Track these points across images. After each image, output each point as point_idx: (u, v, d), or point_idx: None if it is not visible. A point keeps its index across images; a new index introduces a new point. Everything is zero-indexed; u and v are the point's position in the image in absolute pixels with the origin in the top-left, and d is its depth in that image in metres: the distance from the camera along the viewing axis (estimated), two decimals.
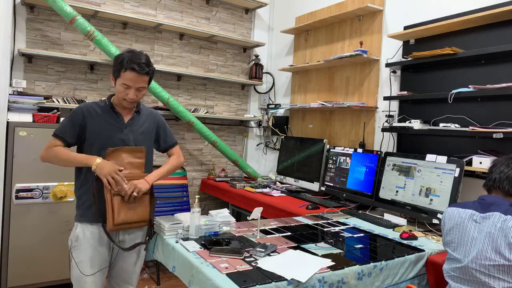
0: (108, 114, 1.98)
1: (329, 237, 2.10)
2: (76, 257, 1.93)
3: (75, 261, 1.93)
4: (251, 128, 4.53)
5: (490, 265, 1.51)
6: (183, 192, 3.99)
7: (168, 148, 2.22)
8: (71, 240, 1.97)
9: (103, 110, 1.98)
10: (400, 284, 1.84)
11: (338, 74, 3.57)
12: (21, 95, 2.97)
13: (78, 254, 1.93)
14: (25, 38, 3.24)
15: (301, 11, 4.03)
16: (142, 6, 3.76)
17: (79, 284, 1.95)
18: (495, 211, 1.57)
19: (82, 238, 1.93)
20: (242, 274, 1.52)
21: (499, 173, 1.66)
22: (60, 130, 1.92)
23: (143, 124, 2.06)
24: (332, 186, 3.12)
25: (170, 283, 3.41)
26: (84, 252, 1.93)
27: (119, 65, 1.89)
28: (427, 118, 2.70)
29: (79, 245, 1.93)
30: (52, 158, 1.91)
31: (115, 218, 1.86)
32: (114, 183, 1.85)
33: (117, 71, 1.90)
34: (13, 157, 2.78)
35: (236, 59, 4.38)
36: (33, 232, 2.88)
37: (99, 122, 1.95)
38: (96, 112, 1.96)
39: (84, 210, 1.95)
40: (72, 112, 1.96)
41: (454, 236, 1.67)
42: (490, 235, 1.53)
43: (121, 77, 1.89)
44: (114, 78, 1.94)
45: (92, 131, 1.93)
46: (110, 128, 1.96)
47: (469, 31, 2.51)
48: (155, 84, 3.49)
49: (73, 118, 1.93)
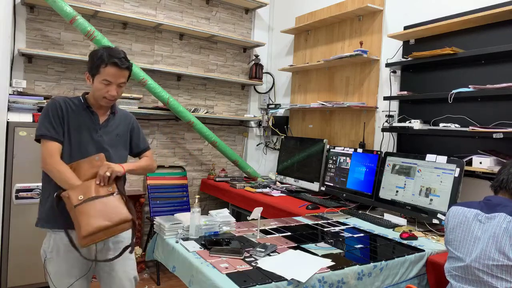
0: (84, 112, 1.86)
1: (329, 237, 2.10)
2: (51, 269, 1.79)
3: (49, 274, 1.79)
4: (251, 128, 4.53)
5: (493, 265, 1.51)
6: (183, 192, 4.00)
7: (141, 153, 2.08)
8: (44, 251, 1.83)
9: (78, 108, 1.85)
10: (400, 284, 1.84)
11: (338, 74, 3.57)
12: (21, 95, 2.98)
13: (52, 265, 1.79)
14: (25, 38, 3.24)
15: (301, 11, 4.03)
16: (142, 6, 3.76)
17: None
18: (500, 212, 1.57)
19: (54, 247, 1.80)
20: (242, 274, 1.52)
21: (507, 174, 1.66)
22: (48, 130, 1.76)
23: (118, 126, 1.96)
24: (332, 186, 3.12)
25: (170, 283, 3.41)
26: (57, 263, 1.78)
27: (98, 61, 1.78)
28: (427, 118, 2.70)
29: (52, 256, 1.79)
30: (54, 174, 1.76)
31: (83, 228, 1.60)
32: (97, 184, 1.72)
33: (95, 67, 1.79)
34: (13, 157, 2.78)
35: (236, 59, 4.38)
36: (33, 232, 2.87)
37: (76, 119, 1.82)
38: (71, 108, 1.83)
39: (53, 216, 1.78)
40: (48, 107, 1.80)
41: (457, 234, 1.67)
42: (494, 235, 1.52)
43: (101, 73, 1.79)
44: (92, 75, 1.82)
45: (69, 127, 1.81)
46: (85, 127, 1.84)
47: (469, 31, 2.51)
48: (155, 84, 3.48)
49: (53, 114, 1.78)
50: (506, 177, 1.65)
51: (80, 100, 1.88)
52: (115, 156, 1.90)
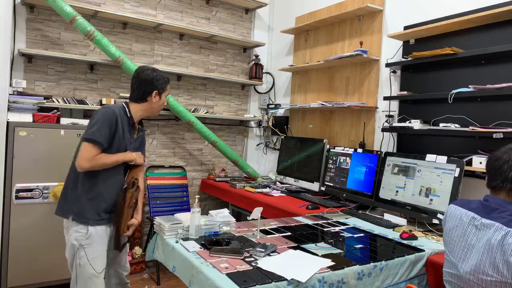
0: (128, 125, 2.13)
1: (329, 237, 2.10)
2: (90, 254, 2.00)
3: (88, 258, 2.00)
4: (251, 128, 4.53)
5: (488, 280, 1.48)
6: (183, 192, 4.00)
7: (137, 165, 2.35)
8: (77, 240, 2.00)
9: (125, 121, 2.11)
10: (400, 284, 1.84)
11: (338, 74, 3.57)
12: (21, 95, 2.97)
13: (91, 251, 2.01)
14: (25, 38, 3.24)
15: (301, 11, 4.03)
16: (142, 6, 3.76)
17: (90, 283, 2.01)
18: (497, 220, 1.51)
19: (94, 235, 2.02)
20: (242, 274, 1.52)
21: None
22: (99, 135, 1.97)
23: (138, 140, 2.26)
24: (332, 186, 3.12)
25: (170, 283, 3.41)
26: (97, 249, 2.03)
27: (164, 81, 2.19)
28: (427, 118, 2.70)
29: (91, 242, 2.01)
30: (99, 167, 2.01)
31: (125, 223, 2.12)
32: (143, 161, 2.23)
33: (164, 86, 2.19)
34: (13, 157, 2.78)
35: (236, 59, 4.38)
36: (33, 232, 2.88)
37: (122, 131, 2.08)
38: (121, 121, 2.08)
39: (98, 214, 2.05)
40: (106, 115, 2.01)
41: (452, 237, 1.65)
42: (488, 247, 1.48)
43: (167, 89, 2.21)
44: (160, 93, 2.17)
45: (117, 139, 2.06)
46: (126, 138, 2.12)
47: (469, 31, 2.51)
48: None
49: (109, 122, 2.01)
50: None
51: (126, 114, 2.13)
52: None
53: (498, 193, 1.61)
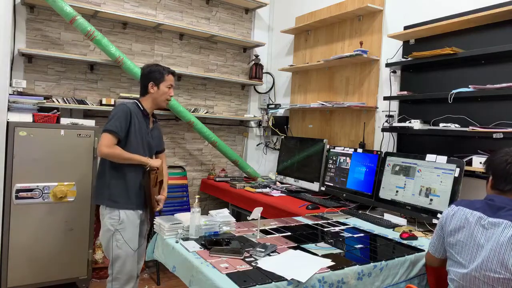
0: (141, 118, 2.39)
1: (329, 237, 2.10)
2: (126, 236, 2.29)
3: (124, 239, 2.28)
4: (251, 128, 4.53)
5: (494, 277, 1.47)
6: (183, 192, 4.00)
7: (158, 153, 2.64)
8: (113, 225, 2.28)
9: (139, 114, 2.37)
10: (400, 284, 1.84)
11: (338, 74, 3.57)
12: (21, 95, 2.97)
13: (126, 233, 2.29)
14: (25, 38, 3.24)
15: (301, 11, 4.03)
16: (142, 6, 3.76)
17: (125, 261, 2.29)
18: (505, 218, 1.51)
19: (126, 220, 2.30)
20: (242, 274, 1.52)
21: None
22: (116, 127, 2.25)
23: (155, 129, 2.55)
24: (332, 186, 3.12)
25: (170, 283, 3.41)
26: (130, 231, 2.31)
27: (161, 72, 2.38)
28: (427, 118, 2.70)
29: (124, 226, 2.29)
30: (115, 156, 2.26)
31: (154, 199, 2.44)
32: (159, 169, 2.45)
33: (161, 76, 2.38)
34: (13, 157, 2.78)
35: (236, 59, 4.38)
36: (33, 232, 2.88)
37: (138, 123, 2.35)
38: (135, 114, 2.34)
39: (127, 197, 2.32)
40: (122, 110, 2.29)
41: (458, 238, 1.62)
42: (497, 245, 1.48)
43: (166, 80, 2.40)
44: (157, 84, 2.38)
45: (133, 130, 2.32)
46: (142, 131, 2.38)
47: (469, 31, 2.51)
48: None
49: (125, 116, 2.28)
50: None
51: (139, 107, 2.40)
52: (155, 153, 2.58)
53: (506, 194, 1.61)
